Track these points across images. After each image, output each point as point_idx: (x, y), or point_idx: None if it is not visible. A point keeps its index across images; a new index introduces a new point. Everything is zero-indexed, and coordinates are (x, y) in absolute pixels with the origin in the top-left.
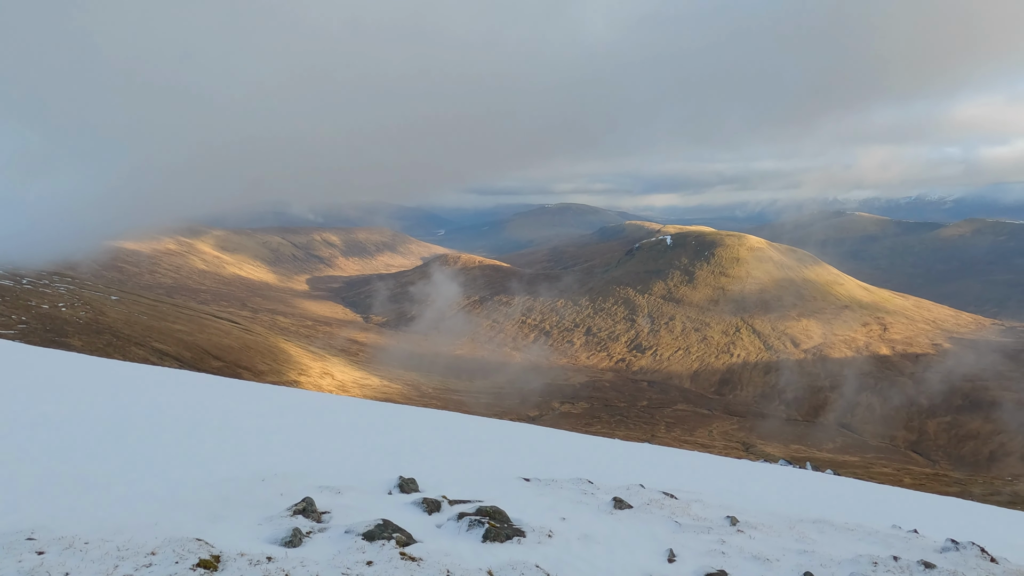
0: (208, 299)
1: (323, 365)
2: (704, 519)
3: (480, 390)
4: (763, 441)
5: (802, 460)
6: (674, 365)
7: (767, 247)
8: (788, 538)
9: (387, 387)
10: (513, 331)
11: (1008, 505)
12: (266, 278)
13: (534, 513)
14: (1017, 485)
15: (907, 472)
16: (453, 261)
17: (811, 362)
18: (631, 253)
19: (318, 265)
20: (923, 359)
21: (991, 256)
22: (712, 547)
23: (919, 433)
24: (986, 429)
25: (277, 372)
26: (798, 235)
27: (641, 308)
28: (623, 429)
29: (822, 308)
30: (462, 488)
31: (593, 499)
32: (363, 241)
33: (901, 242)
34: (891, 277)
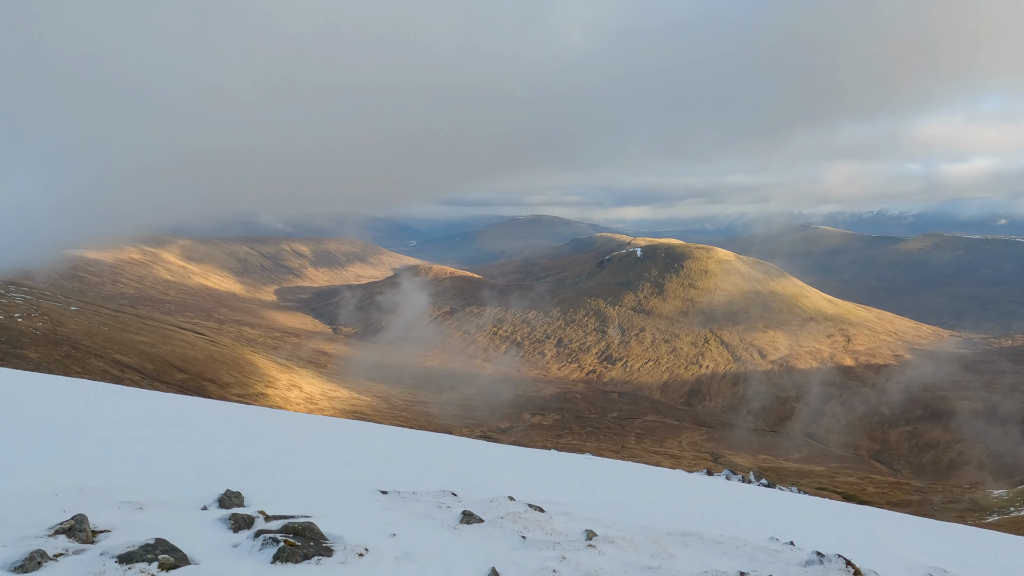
0: (173, 310)
1: (291, 377)
2: (558, 533)
3: (450, 401)
4: (731, 452)
5: (770, 471)
6: (644, 376)
7: (735, 260)
8: (644, 553)
9: (356, 399)
10: (484, 342)
11: (967, 512)
12: (233, 288)
13: (363, 530)
14: (975, 493)
15: (870, 481)
16: (424, 272)
17: (778, 373)
18: (602, 265)
19: (287, 275)
20: (885, 370)
21: (949, 269)
22: (546, 564)
23: (882, 442)
24: (945, 438)
25: (243, 384)
26: (766, 248)
27: (612, 319)
28: (594, 440)
29: (788, 320)
30: (296, 503)
31: (445, 513)
32: (333, 251)
33: (864, 255)
34: (854, 290)
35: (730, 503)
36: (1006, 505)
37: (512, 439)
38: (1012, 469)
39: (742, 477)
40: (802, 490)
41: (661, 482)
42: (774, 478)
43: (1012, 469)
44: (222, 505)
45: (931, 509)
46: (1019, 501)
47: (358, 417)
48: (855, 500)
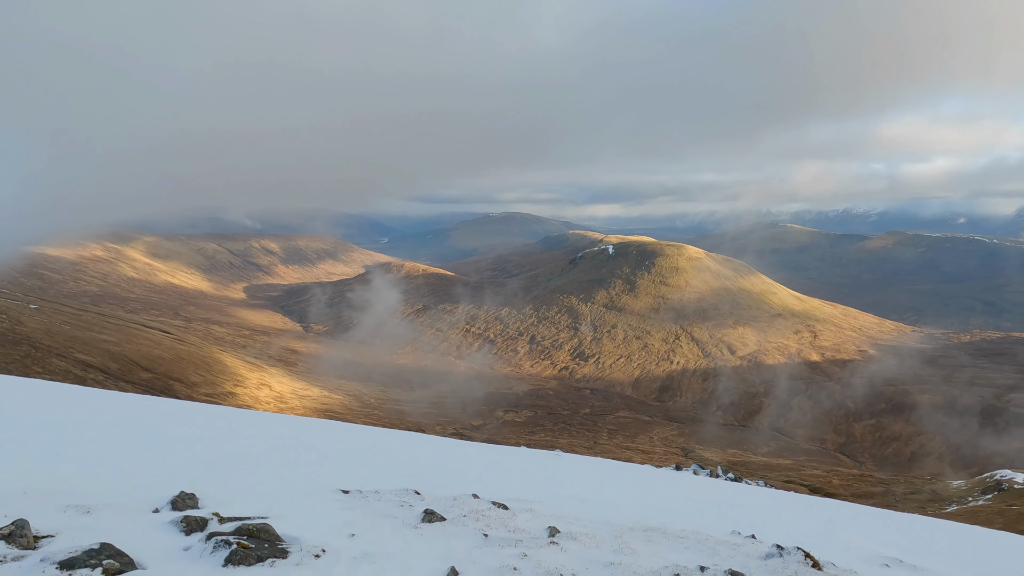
0: (138, 308)
1: (260, 375)
2: (521, 531)
3: (422, 399)
4: (701, 446)
5: (739, 465)
6: (616, 373)
7: (705, 257)
8: (606, 549)
9: (327, 397)
10: (457, 339)
11: (927, 503)
12: (201, 286)
13: (321, 530)
14: (936, 484)
15: (836, 474)
16: (396, 269)
17: (747, 368)
18: (574, 262)
19: (256, 273)
20: (850, 365)
21: (912, 267)
22: (507, 562)
23: (847, 436)
24: (907, 431)
25: (211, 383)
26: (736, 245)
27: (584, 316)
28: (566, 437)
29: (757, 316)
30: (254, 504)
31: (407, 512)
32: (304, 249)
33: (830, 253)
34: (821, 286)
35: (695, 498)
36: (964, 495)
37: (484, 436)
38: (970, 460)
39: (710, 472)
40: (769, 484)
41: (628, 478)
42: (742, 472)
43: (970, 460)
44: (175, 507)
45: (893, 500)
46: (977, 491)
47: (329, 416)
48: (821, 493)
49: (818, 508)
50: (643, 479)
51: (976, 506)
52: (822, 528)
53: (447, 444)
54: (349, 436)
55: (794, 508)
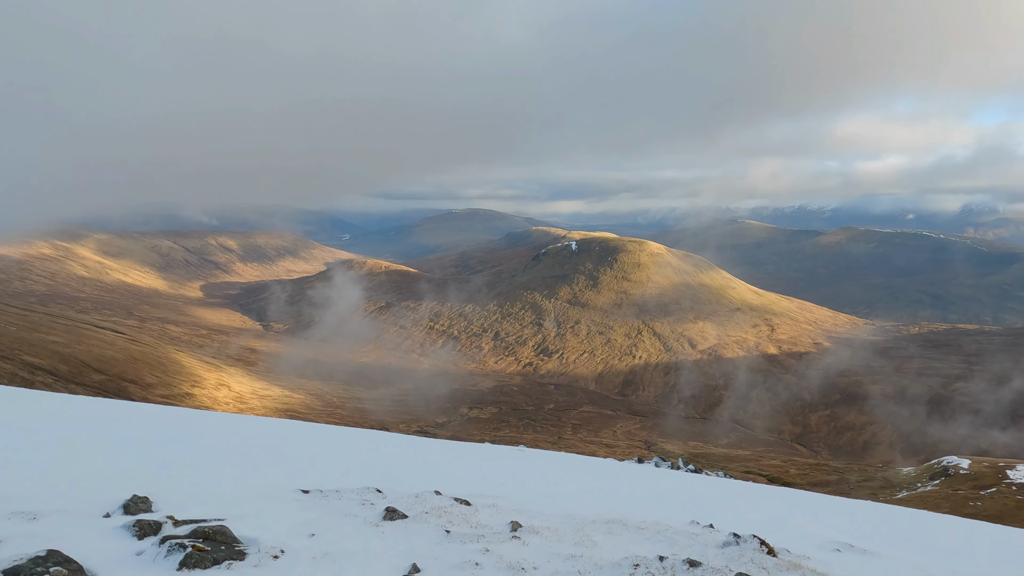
0: (89, 308)
1: (219, 376)
2: (483, 526)
3: (385, 397)
4: (664, 439)
5: (699, 457)
6: (580, 368)
7: (666, 253)
8: (568, 542)
9: (289, 397)
10: (420, 337)
11: (879, 490)
12: (155, 285)
13: (280, 531)
14: (887, 471)
15: (793, 463)
16: (359, 266)
17: (707, 362)
18: (538, 258)
19: (213, 271)
20: (806, 357)
21: (864, 261)
22: (469, 558)
23: (803, 426)
24: (860, 420)
25: (167, 384)
26: (696, 241)
27: (548, 312)
28: (531, 432)
29: (716, 311)
30: (210, 506)
31: (368, 510)
32: (263, 246)
33: (787, 248)
34: (778, 281)
35: (656, 490)
36: (914, 481)
37: (449, 433)
38: (919, 447)
39: (671, 464)
40: (729, 474)
41: (590, 471)
42: (703, 464)
43: (919, 447)
44: (127, 511)
45: (847, 488)
46: (925, 477)
47: (291, 415)
48: (779, 482)
49: (774, 497)
50: (605, 472)
51: (925, 491)
52: (778, 516)
53: (410, 442)
54: (310, 435)
55: (751, 497)
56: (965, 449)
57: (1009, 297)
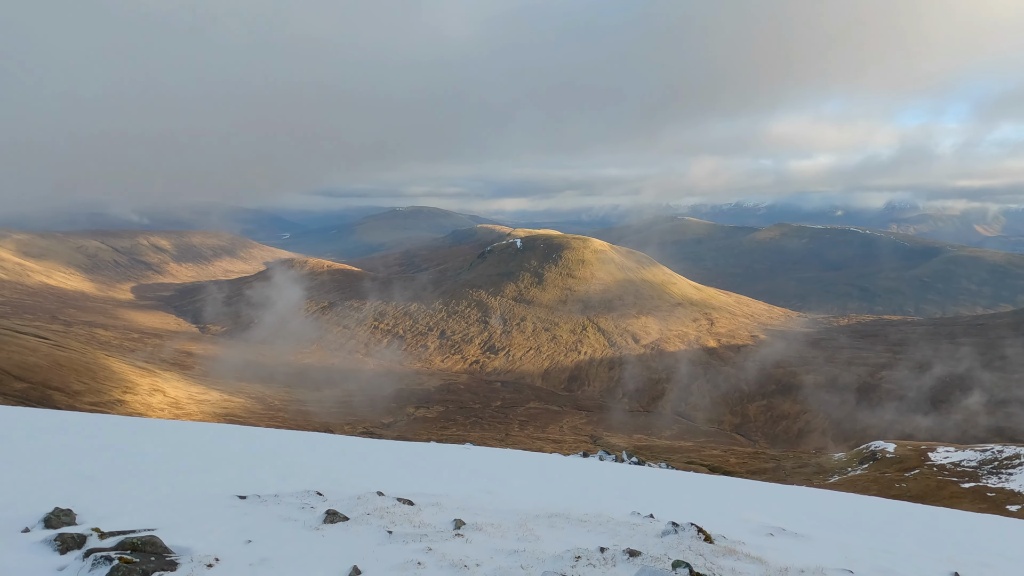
0: (8, 312)
1: (152, 381)
2: (426, 525)
3: (329, 399)
4: (609, 433)
5: (643, 449)
6: (526, 365)
7: (610, 250)
8: (511, 538)
9: (228, 401)
10: (365, 336)
11: (813, 475)
12: (82, 287)
13: (215, 539)
14: (820, 457)
15: (732, 453)
16: (300, 265)
17: (650, 356)
18: (483, 256)
19: (145, 272)
20: (744, 349)
21: (797, 256)
22: (411, 557)
23: (742, 416)
24: (795, 409)
25: (96, 391)
26: (639, 238)
27: (494, 310)
28: (478, 430)
29: (659, 306)
30: (140, 516)
31: (308, 514)
32: (198, 245)
33: (725, 244)
34: (716, 276)
35: (599, 483)
36: (845, 466)
37: (395, 434)
38: (849, 434)
39: (616, 457)
40: (671, 465)
41: (535, 467)
42: (647, 456)
43: (849, 434)
44: (48, 525)
45: (783, 474)
46: (855, 462)
47: (230, 420)
48: (720, 471)
49: (714, 486)
50: (550, 468)
51: (855, 475)
52: (716, 504)
53: (353, 443)
54: (249, 440)
55: (691, 487)
56: (891, 434)
57: (929, 289)
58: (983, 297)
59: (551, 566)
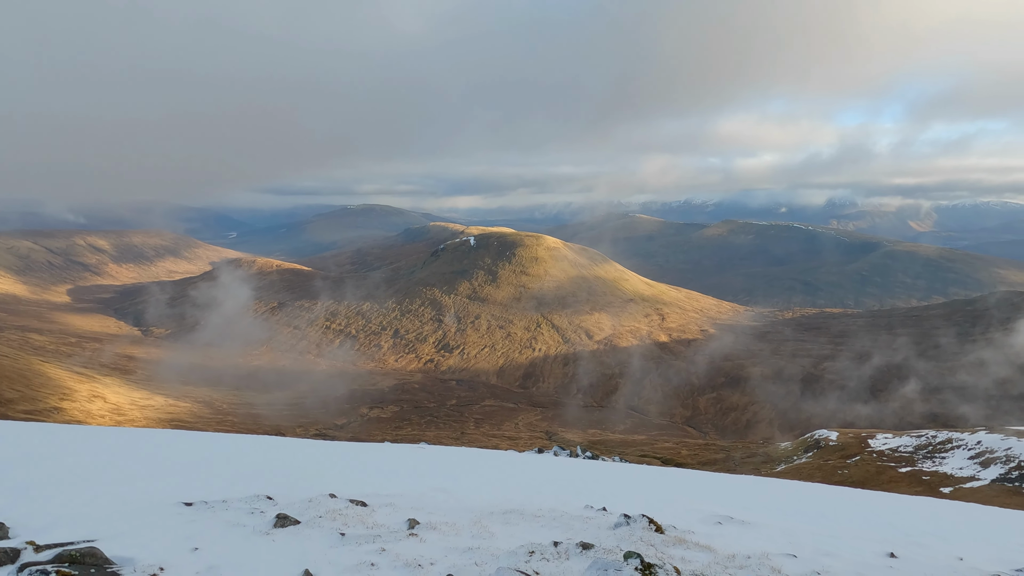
0: None
1: (92, 387)
2: (380, 526)
3: (279, 401)
4: (564, 428)
5: (598, 444)
6: (481, 362)
7: (563, 247)
8: (465, 535)
9: (173, 406)
10: (316, 337)
11: (761, 465)
12: (13, 290)
13: (159, 547)
14: (768, 447)
15: (684, 445)
16: (248, 265)
17: (603, 352)
18: (436, 254)
19: (82, 273)
20: (694, 344)
21: (744, 252)
22: (364, 559)
23: (693, 409)
24: (743, 401)
25: (31, 399)
26: (591, 235)
27: (448, 308)
28: (433, 429)
29: (611, 302)
30: (79, 527)
31: (258, 519)
32: (139, 245)
33: (674, 241)
34: (666, 272)
35: (553, 478)
36: (791, 455)
37: (349, 435)
38: (795, 423)
39: (570, 452)
40: (625, 459)
41: (490, 464)
42: (601, 450)
43: (795, 423)
44: None
45: (733, 465)
46: (800, 450)
47: (176, 425)
48: (672, 464)
49: (665, 478)
50: (505, 464)
51: (800, 463)
52: (667, 495)
53: (305, 445)
54: (195, 445)
55: (644, 480)
56: (834, 422)
57: (868, 283)
58: (917, 290)
59: (505, 562)
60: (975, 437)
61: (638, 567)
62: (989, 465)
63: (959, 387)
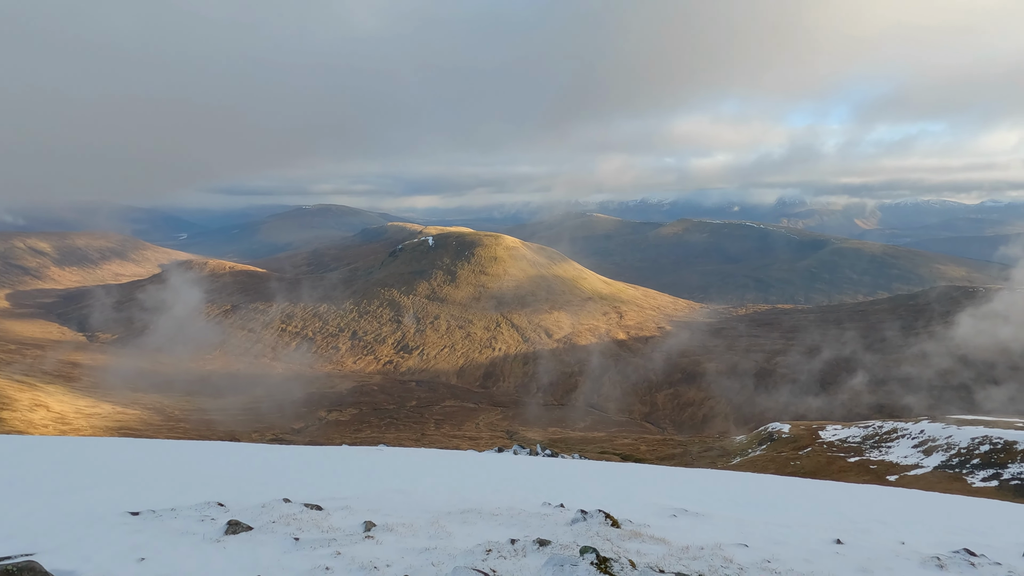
0: None
1: (34, 395)
2: (335, 530)
3: (234, 406)
4: (525, 427)
5: (558, 442)
6: (441, 363)
7: (521, 246)
8: (422, 536)
9: (122, 414)
10: (272, 339)
11: (717, 458)
12: None
13: (103, 559)
14: (723, 441)
15: (643, 441)
16: (199, 267)
17: (563, 350)
18: (394, 254)
19: (22, 277)
20: (651, 341)
21: (699, 250)
22: (319, 563)
23: (651, 405)
24: (699, 396)
25: None
26: (550, 234)
27: (406, 309)
28: (393, 431)
29: (570, 301)
30: (16, 540)
31: (208, 526)
32: (83, 247)
33: (632, 239)
34: (624, 270)
35: (512, 476)
36: (746, 448)
37: (307, 439)
38: (749, 417)
39: (530, 451)
40: (584, 456)
41: (449, 465)
42: (562, 448)
43: (749, 417)
44: None
45: (690, 459)
46: (755, 443)
47: (125, 433)
48: (631, 459)
49: (623, 473)
50: (464, 464)
51: (755, 456)
52: (625, 490)
53: (259, 450)
54: (144, 453)
55: (602, 476)
56: (786, 415)
57: (817, 279)
58: (864, 285)
59: (462, 561)
60: (918, 426)
61: (594, 561)
62: (932, 453)
63: (903, 378)
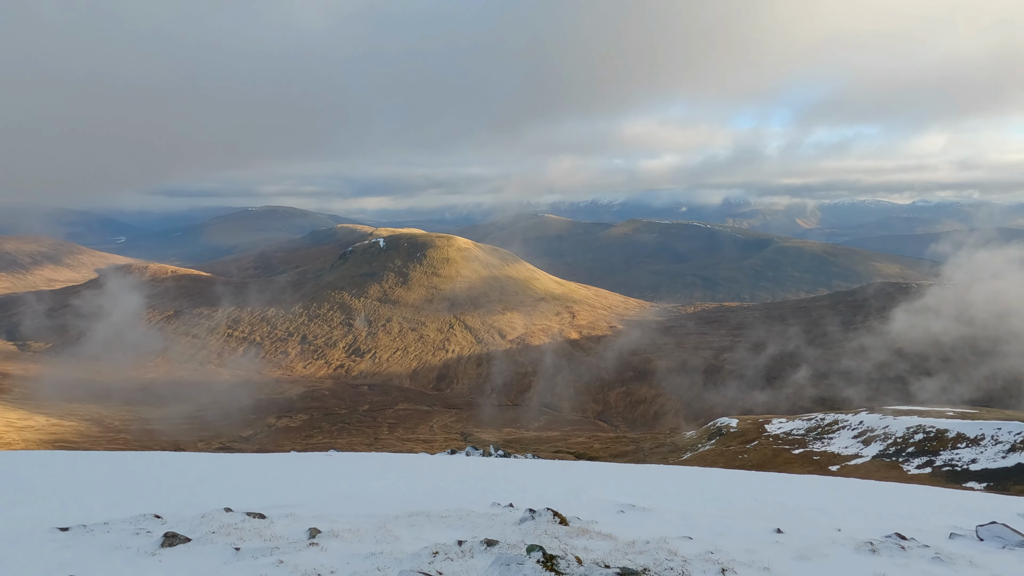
0: None
1: None
2: (279, 538)
3: (178, 415)
4: (479, 429)
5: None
6: (394, 366)
7: (474, 247)
8: (369, 541)
9: (57, 426)
10: (218, 345)
11: (669, 454)
12: None
13: None
14: (674, 437)
15: (596, 439)
16: (139, 271)
17: (516, 351)
18: (345, 257)
19: None
20: (603, 340)
21: (648, 250)
22: (260, 572)
23: (604, 403)
24: (651, 394)
25: None
26: (502, 235)
27: (358, 311)
28: (345, 436)
29: (523, 301)
30: None
31: (143, 539)
32: (12, 252)
33: (583, 240)
34: (576, 270)
35: (463, 478)
36: (696, 443)
37: (255, 447)
38: (699, 412)
39: (483, 452)
40: (538, 456)
41: (399, 468)
42: (516, 448)
43: (699, 412)
44: None
45: (643, 455)
46: (704, 438)
47: (60, 446)
48: (585, 457)
49: (573, 471)
50: (414, 467)
51: (705, 451)
52: (575, 488)
53: (200, 459)
54: (75, 466)
55: (552, 474)
56: (734, 410)
57: (761, 277)
58: (805, 283)
59: (408, 564)
60: (858, 418)
61: (540, 559)
62: (870, 443)
63: (844, 372)
